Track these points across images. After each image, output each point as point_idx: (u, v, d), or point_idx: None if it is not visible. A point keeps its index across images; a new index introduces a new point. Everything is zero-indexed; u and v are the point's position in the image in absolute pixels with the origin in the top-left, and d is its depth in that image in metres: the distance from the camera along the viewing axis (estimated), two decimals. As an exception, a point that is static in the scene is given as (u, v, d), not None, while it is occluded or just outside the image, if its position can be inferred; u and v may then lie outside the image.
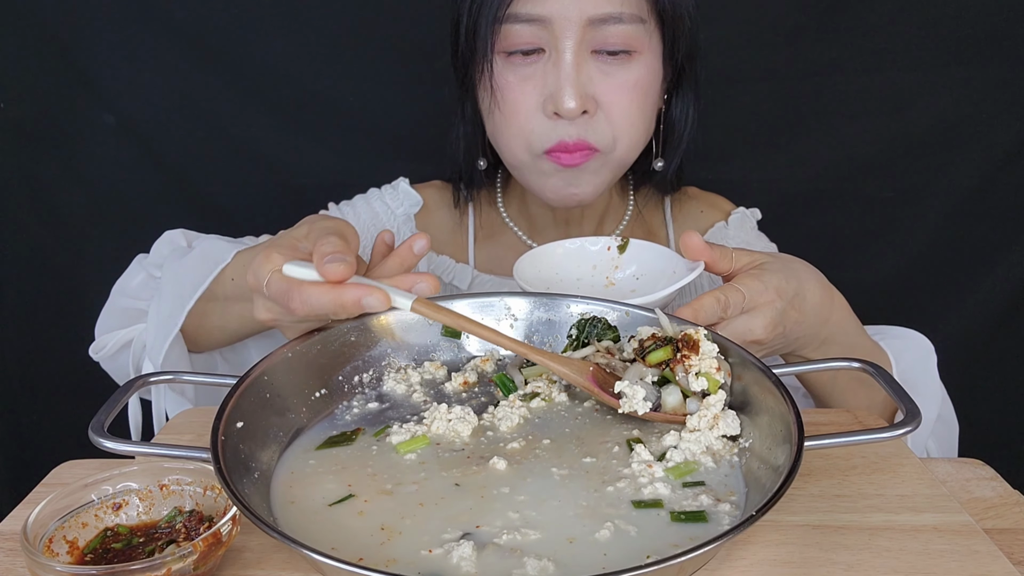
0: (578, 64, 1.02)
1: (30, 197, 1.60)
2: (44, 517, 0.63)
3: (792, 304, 0.89)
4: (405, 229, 1.26)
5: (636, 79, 1.05)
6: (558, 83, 1.02)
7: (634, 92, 1.06)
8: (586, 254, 1.05)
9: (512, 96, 1.06)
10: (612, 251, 1.04)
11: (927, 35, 1.54)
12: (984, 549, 0.66)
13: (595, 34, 1.02)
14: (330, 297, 0.75)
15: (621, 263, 1.04)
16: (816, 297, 0.92)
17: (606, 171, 1.10)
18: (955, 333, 1.70)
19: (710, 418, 0.75)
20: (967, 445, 1.13)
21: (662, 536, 0.63)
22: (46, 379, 1.69)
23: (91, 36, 1.51)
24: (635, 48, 1.04)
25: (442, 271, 1.24)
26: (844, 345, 0.97)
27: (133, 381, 0.78)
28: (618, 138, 1.07)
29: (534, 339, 0.91)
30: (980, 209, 1.63)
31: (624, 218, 1.29)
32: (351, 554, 0.61)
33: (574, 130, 1.04)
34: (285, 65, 1.57)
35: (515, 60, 1.05)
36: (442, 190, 1.33)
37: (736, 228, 1.28)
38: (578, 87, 1.02)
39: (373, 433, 0.78)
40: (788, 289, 0.88)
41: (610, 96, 1.05)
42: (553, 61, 1.03)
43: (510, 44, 1.05)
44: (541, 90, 1.04)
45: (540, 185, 1.11)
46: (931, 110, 1.58)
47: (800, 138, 1.62)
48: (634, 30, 1.03)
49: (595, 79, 1.04)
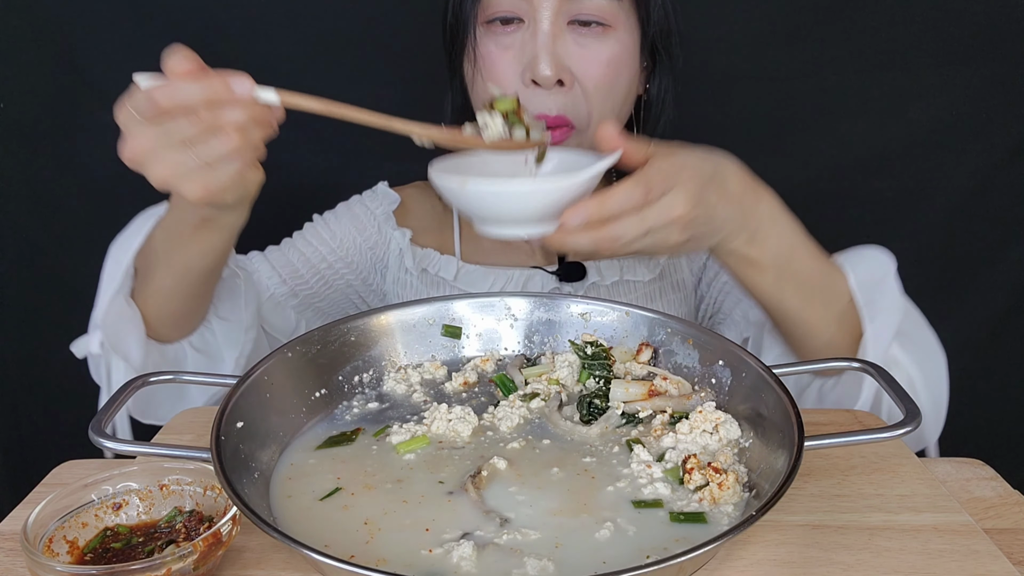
0: (555, 34, 1.04)
1: (30, 197, 1.60)
2: (44, 517, 0.63)
3: (711, 184, 0.86)
4: (386, 227, 1.27)
5: (611, 54, 1.07)
6: (535, 51, 1.04)
7: (609, 67, 1.07)
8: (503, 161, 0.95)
9: (492, 64, 1.08)
10: (530, 162, 0.95)
11: (927, 35, 1.54)
12: (984, 549, 0.66)
13: (571, 4, 1.04)
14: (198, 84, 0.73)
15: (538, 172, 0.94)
16: (737, 183, 0.90)
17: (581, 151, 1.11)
18: (955, 333, 1.69)
19: (711, 422, 0.75)
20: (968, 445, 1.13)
21: (662, 536, 0.63)
22: (46, 379, 1.69)
23: (91, 36, 1.51)
24: (610, 22, 1.06)
25: (428, 263, 1.24)
26: (782, 244, 0.94)
27: (132, 381, 0.78)
28: (592, 115, 1.08)
29: (534, 339, 0.92)
30: (980, 209, 1.63)
31: None
32: (350, 556, 0.61)
33: (552, 103, 1.05)
34: (285, 65, 1.56)
35: (495, 29, 1.08)
36: (425, 188, 1.33)
37: None
38: (554, 56, 1.03)
39: (373, 433, 0.78)
40: (705, 168, 0.87)
41: (586, 68, 1.06)
42: (531, 31, 1.05)
43: (491, 12, 1.07)
44: (520, 59, 1.06)
45: None
46: (931, 110, 1.58)
47: (800, 138, 1.62)
48: (609, 5, 1.05)
49: (572, 50, 1.05)
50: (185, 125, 0.75)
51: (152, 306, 1.02)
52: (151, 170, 0.77)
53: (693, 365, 0.84)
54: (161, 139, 0.75)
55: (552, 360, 0.88)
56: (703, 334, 0.84)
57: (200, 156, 0.76)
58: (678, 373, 0.85)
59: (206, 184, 0.78)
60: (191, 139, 0.75)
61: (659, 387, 0.82)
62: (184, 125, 0.75)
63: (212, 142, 0.75)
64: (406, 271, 1.24)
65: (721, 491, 0.67)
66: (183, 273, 0.98)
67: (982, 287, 1.67)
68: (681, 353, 0.85)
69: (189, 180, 0.77)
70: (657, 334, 0.87)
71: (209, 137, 0.75)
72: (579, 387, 0.85)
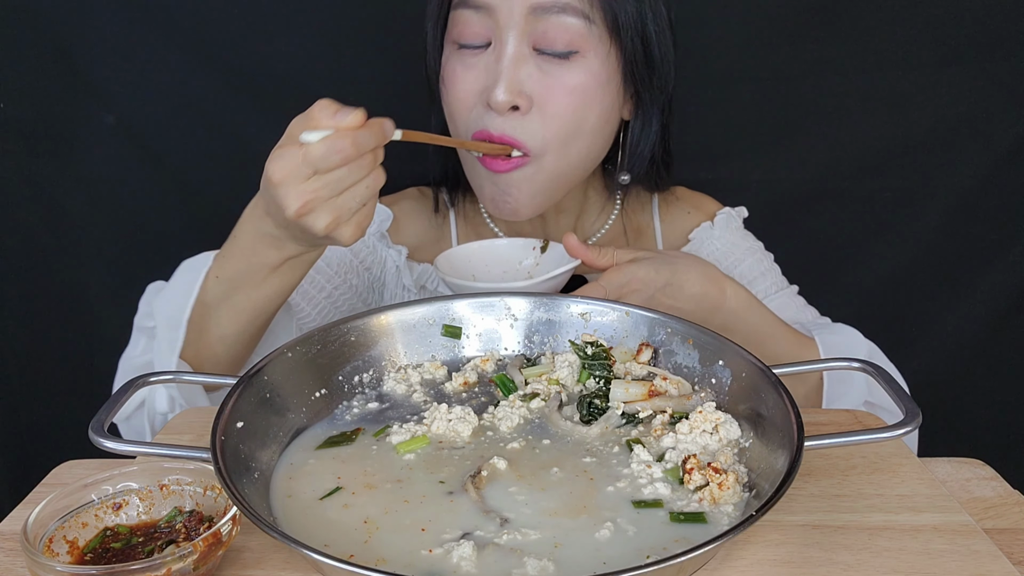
0: (518, 58, 1.03)
1: (30, 197, 1.59)
2: (44, 517, 0.63)
3: (664, 292, 0.97)
4: (380, 246, 1.25)
5: (577, 83, 1.04)
6: (495, 74, 1.03)
7: (572, 95, 1.04)
8: (513, 250, 1.17)
9: (454, 84, 1.08)
10: (536, 251, 1.15)
11: (927, 35, 1.54)
12: (984, 549, 0.66)
13: (537, 25, 1.02)
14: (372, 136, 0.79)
15: (543, 260, 1.14)
16: (696, 287, 1.00)
17: (540, 180, 1.08)
18: (955, 333, 1.70)
19: (711, 423, 0.75)
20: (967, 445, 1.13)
21: (662, 536, 0.63)
22: (46, 379, 1.69)
23: (91, 36, 1.51)
24: (578, 48, 1.03)
25: (426, 279, 1.24)
26: (748, 335, 1.02)
27: (133, 381, 0.78)
28: (548, 141, 1.05)
29: (534, 339, 0.92)
30: (980, 209, 1.63)
31: (610, 218, 1.29)
32: (350, 556, 0.61)
33: (501, 123, 1.04)
34: (285, 65, 1.56)
35: (464, 53, 1.07)
36: (419, 199, 1.32)
37: (721, 228, 1.29)
38: (512, 81, 1.02)
39: (373, 433, 0.78)
40: (656, 279, 0.97)
41: (546, 96, 1.04)
42: (496, 54, 1.04)
43: (459, 34, 1.07)
44: (484, 81, 1.05)
45: (480, 191, 1.13)
46: (931, 110, 1.58)
47: (800, 138, 1.62)
48: (578, 27, 1.02)
49: (534, 76, 1.03)
50: (346, 173, 0.79)
51: (208, 354, 0.99)
52: (317, 221, 0.81)
53: (693, 365, 0.84)
54: (325, 190, 0.80)
55: (552, 360, 0.88)
56: (703, 334, 0.84)
57: (357, 199, 0.82)
58: (678, 373, 0.85)
59: (360, 224, 0.84)
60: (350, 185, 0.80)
61: (659, 387, 0.82)
62: (345, 173, 0.79)
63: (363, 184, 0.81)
64: (404, 288, 1.23)
65: (721, 491, 0.67)
66: (251, 318, 0.97)
67: (982, 287, 1.67)
68: (681, 353, 0.85)
69: (348, 224, 0.83)
70: (657, 334, 0.87)
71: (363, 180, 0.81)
72: (579, 387, 0.85)
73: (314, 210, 0.80)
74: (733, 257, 1.27)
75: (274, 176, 0.80)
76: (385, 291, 1.26)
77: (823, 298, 1.34)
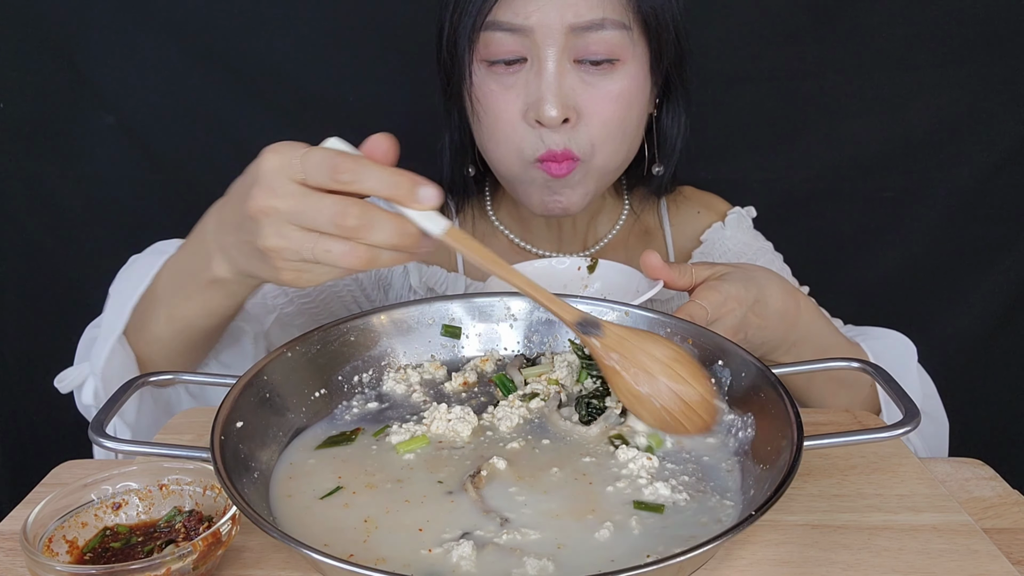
0: (560, 73, 1.02)
1: (30, 197, 1.60)
2: (44, 517, 0.63)
3: (753, 310, 0.92)
4: None
5: (620, 89, 1.05)
6: (540, 92, 1.01)
7: (617, 103, 1.05)
8: (555, 273, 1.08)
9: (494, 105, 1.06)
10: (582, 271, 1.08)
11: (927, 35, 1.54)
12: (983, 549, 0.66)
13: (577, 42, 1.01)
14: (387, 174, 0.66)
15: (590, 281, 1.07)
16: (778, 302, 0.95)
17: (590, 181, 1.10)
18: (955, 333, 1.70)
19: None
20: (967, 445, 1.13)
21: (662, 536, 0.64)
22: (46, 379, 1.69)
23: (91, 36, 1.51)
24: (618, 56, 1.03)
25: (434, 282, 1.24)
26: (817, 347, 1.00)
27: (133, 381, 0.78)
28: (596, 146, 1.06)
29: (534, 339, 0.92)
30: (980, 209, 1.63)
31: (619, 220, 1.29)
32: (349, 555, 0.61)
33: (559, 138, 1.04)
34: (285, 65, 1.57)
35: (498, 70, 1.05)
36: None
37: (733, 228, 1.28)
38: (560, 96, 1.01)
39: (373, 433, 0.78)
40: (747, 297, 0.92)
41: (592, 106, 1.04)
42: (535, 70, 1.02)
43: (491, 53, 1.04)
44: (524, 99, 1.04)
45: (527, 194, 1.12)
46: (931, 110, 1.58)
47: (800, 138, 1.62)
48: (618, 37, 1.02)
49: (577, 89, 1.03)
50: (327, 215, 0.66)
51: (146, 351, 0.96)
52: (264, 239, 0.69)
53: (693, 365, 0.84)
54: (302, 217, 0.68)
55: (551, 360, 0.88)
56: (703, 334, 0.84)
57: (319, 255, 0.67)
58: (678, 373, 0.85)
59: (312, 280, 0.71)
60: (325, 230, 0.67)
61: None
62: (326, 214, 0.66)
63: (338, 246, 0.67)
64: (410, 289, 1.23)
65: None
66: (182, 328, 0.92)
67: (982, 287, 1.68)
68: (681, 353, 0.85)
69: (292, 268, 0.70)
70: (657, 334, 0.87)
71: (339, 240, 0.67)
72: (578, 387, 0.85)
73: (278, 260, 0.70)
74: (745, 258, 1.26)
75: (264, 163, 0.70)
76: (391, 291, 1.26)
77: (823, 298, 1.33)
